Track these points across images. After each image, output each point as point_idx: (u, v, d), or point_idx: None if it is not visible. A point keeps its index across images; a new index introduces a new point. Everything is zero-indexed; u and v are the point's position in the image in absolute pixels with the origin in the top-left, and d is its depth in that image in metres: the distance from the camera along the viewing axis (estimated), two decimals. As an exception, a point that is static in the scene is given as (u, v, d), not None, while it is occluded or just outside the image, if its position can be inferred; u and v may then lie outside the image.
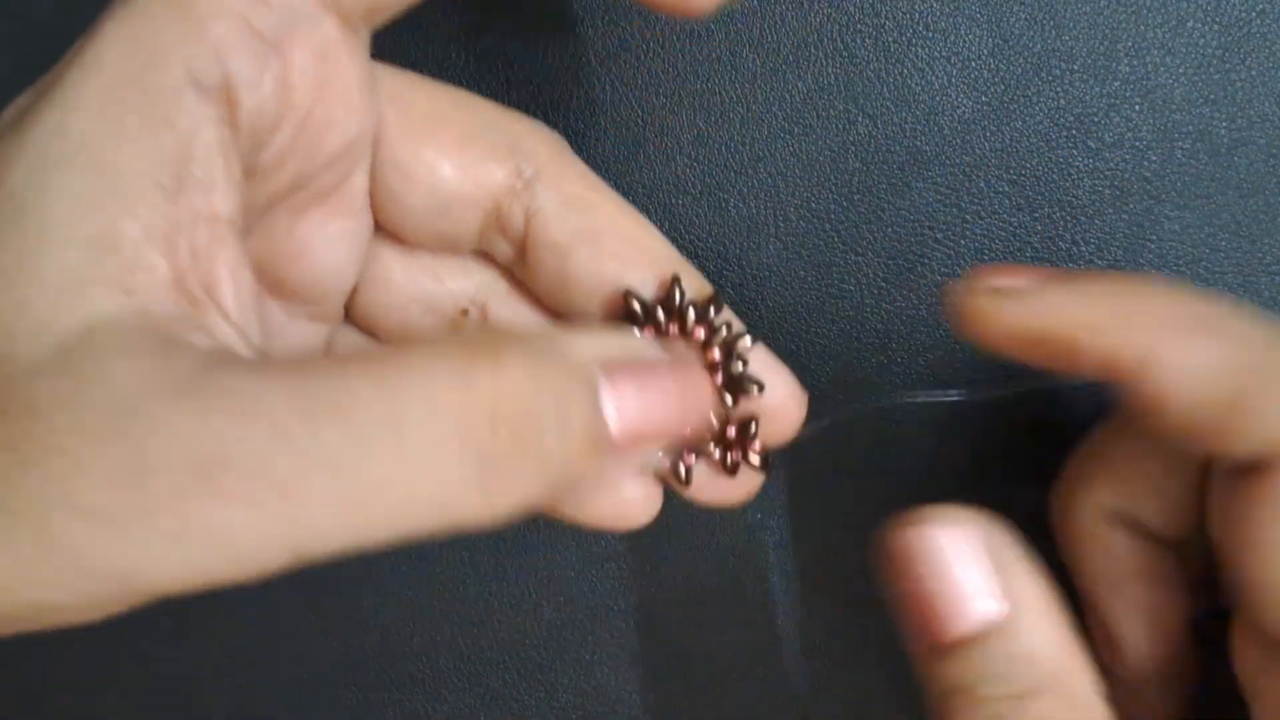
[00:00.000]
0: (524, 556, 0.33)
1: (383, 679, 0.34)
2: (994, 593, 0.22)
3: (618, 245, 0.23)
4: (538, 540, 0.33)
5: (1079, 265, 0.29)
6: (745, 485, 0.25)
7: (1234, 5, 0.28)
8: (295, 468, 0.16)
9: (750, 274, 0.30)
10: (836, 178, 0.29)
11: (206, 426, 0.16)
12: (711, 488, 0.25)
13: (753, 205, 0.29)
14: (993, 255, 0.29)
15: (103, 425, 0.16)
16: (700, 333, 0.23)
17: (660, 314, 0.23)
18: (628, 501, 0.24)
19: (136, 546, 0.16)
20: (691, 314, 0.23)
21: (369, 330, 0.25)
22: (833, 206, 0.29)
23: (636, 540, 0.33)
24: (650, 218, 0.29)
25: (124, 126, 0.17)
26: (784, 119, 0.29)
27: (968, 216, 0.29)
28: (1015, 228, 0.29)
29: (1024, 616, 0.22)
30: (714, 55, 0.29)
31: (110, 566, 0.16)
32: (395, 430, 0.16)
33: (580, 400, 0.19)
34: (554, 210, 0.23)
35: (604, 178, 0.24)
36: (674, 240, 0.30)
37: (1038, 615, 0.22)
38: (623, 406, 0.19)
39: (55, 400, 0.16)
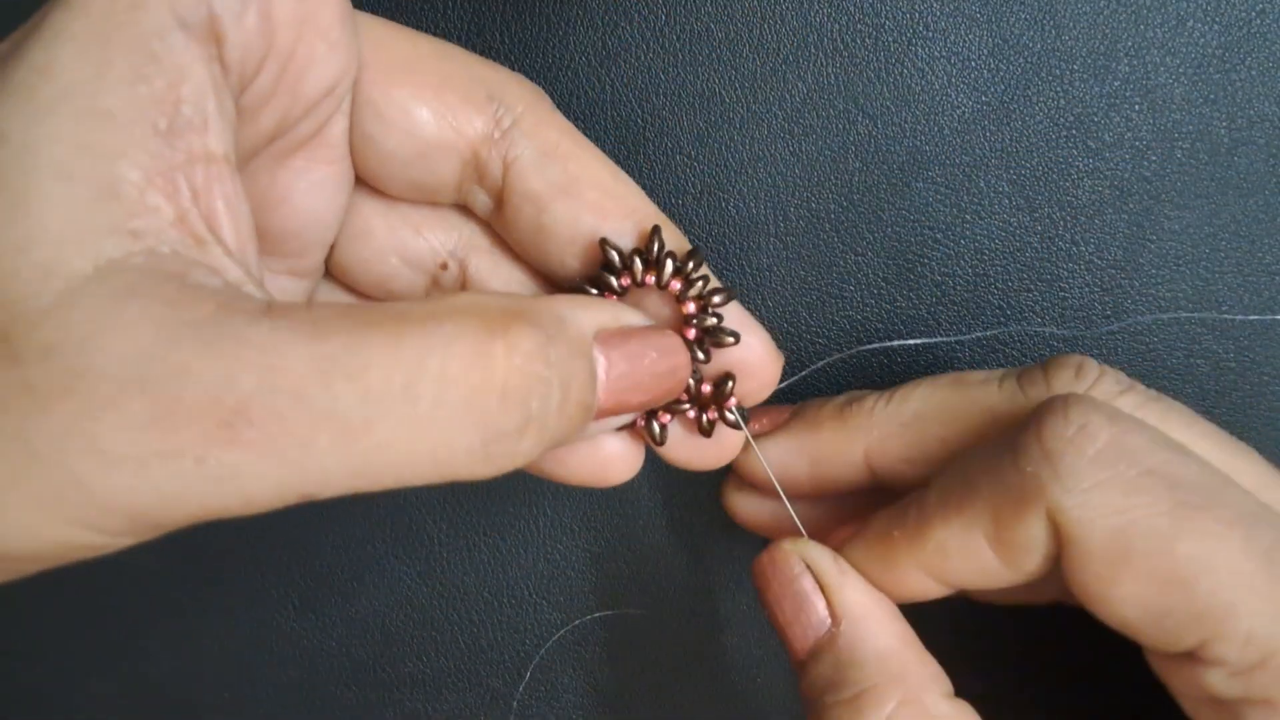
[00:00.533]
0: (524, 556, 0.33)
1: (383, 679, 0.34)
2: (821, 609, 0.24)
3: (596, 196, 0.23)
4: (538, 540, 0.33)
5: (1079, 265, 0.29)
6: (722, 447, 0.25)
7: (1234, 5, 0.28)
8: (310, 424, 0.17)
9: (750, 274, 0.30)
10: (836, 178, 0.29)
11: (227, 376, 0.16)
12: (688, 449, 0.25)
13: (753, 205, 0.29)
14: (992, 255, 0.29)
15: (122, 369, 0.16)
16: (676, 285, 0.23)
17: (637, 264, 0.23)
18: (608, 459, 0.25)
19: (157, 488, 0.16)
20: (669, 266, 0.23)
21: (348, 285, 0.25)
22: (833, 206, 0.29)
23: (637, 540, 0.33)
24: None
25: (114, 70, 0.17)
26: (784, 119, 0.29)
27: (968, 216, 0.29)
28: (1015, 228, 0.29)
29: (852, 626, 0.24)
30: (714, 55, 0.29)
31: (131, 505, 0.17)
32: (408, 397, 0.17)
33: (579, 374, 0.20)
34: (532, 160, 0.23)
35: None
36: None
37: (866, 623, 0.24)
38: (611, 375, 0.21)
39: (71, 343, 0.16)
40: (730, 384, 0.24)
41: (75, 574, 0.34)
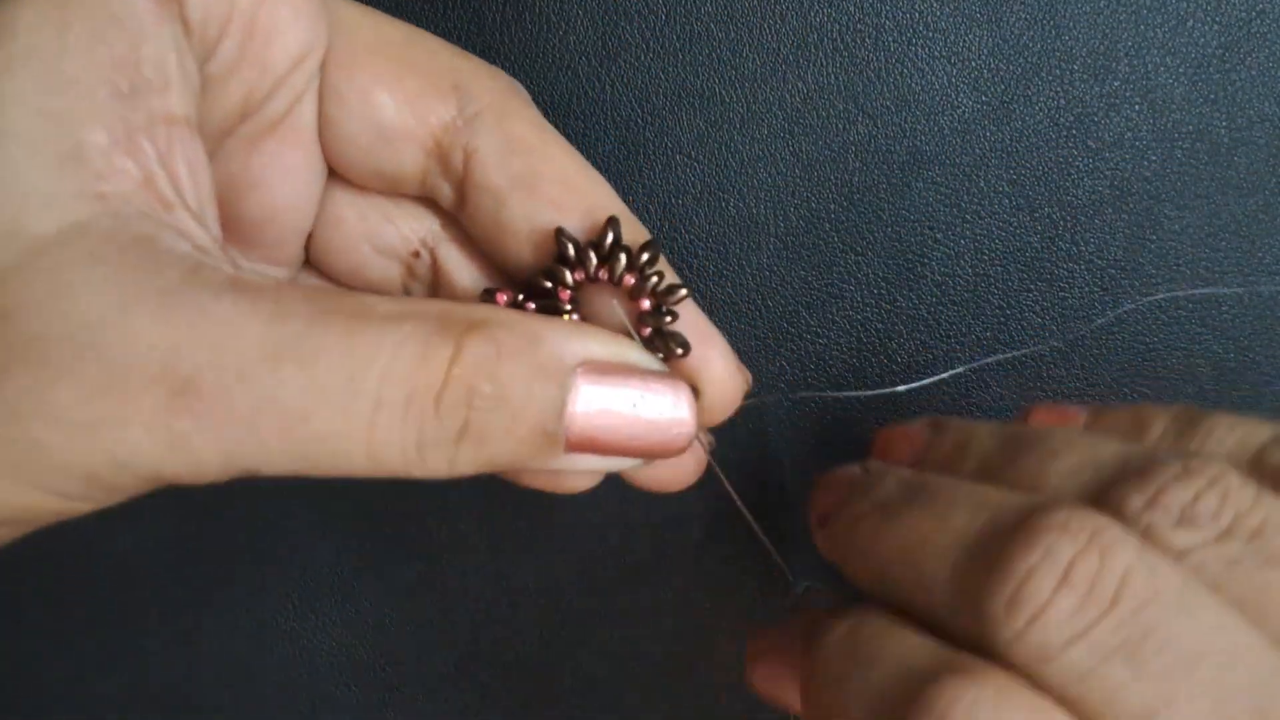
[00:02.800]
0: (524, 557, 0.33)
1: (383, 679, 0.34)
2: None
3: (555, 191, 0.22)
4: (538, 540, 0.33)
5: (1079, 265, 0.29)
6: (677, 467, 0.23)
7: (1234, 5, 0.28)
8: (253, 405, 0.17)
9: (750, 274, 0.30)
10: (836, 178, 0.29)
11: (180, 347, 0.16)
12: (641, 469, 0.23)
13: (753, 205, 0.29)
14: (992, 255, 0.29)
15: (79, 334, 0.16)
16: (630, 280, 0.22)
17: (592, 257, 0.22)
18: (564, 474, 0.24)
19: (109, 452, 0.17)
20: (623, 259, 0.21)
21: (325, 273, 0.25)
22: (833, 206, 0.29)
23: (637, 541, 0.33)
24: (650, 217, 0.30)
25: (74, 31, 0.17)
26: (784, 119, 0.29)
27: (968, 216, 0.29)
28: (1015, 228, 0.29)
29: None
30: (714, 55, 0.29)
31: (86, 469, 0.17)
32: (350, 391, 0.17)
33: (539, 398, 0.19)
34: (493, 152, 0.22)
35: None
36: (674, 240, 0.30)
37: None
38: (583, 409, 0.19)
39: (30, 306, 0.16)
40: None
41: (75, 574, 0.34)
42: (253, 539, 0.34)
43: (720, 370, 0.23)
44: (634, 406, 0.20)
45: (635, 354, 0.21)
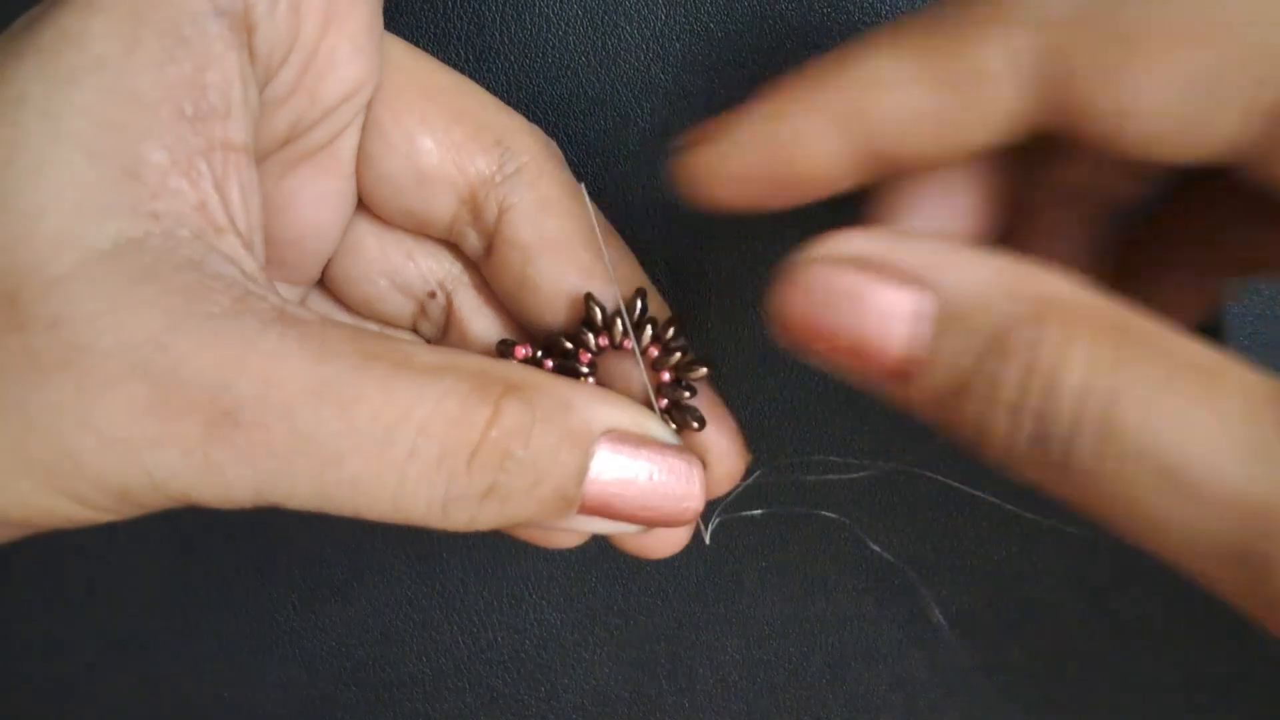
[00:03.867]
0: (524, 558, 0.33)
1: (383, 679, 0.34)
2: (911, 288, 0.18)
3: (586, 257, 0.23)
4: (538, 540, 0.33)
5: (1079, 265, 0.29)
6: (671, 537, 0.24)
7: (1234, 5, 0.28)
8: (292, 442, 0.17)
9: (750, 274, 0.30)
10: (836, 178, 0.29)
11: (227, 378, 0.17)
12: (629, 537, 0.23)
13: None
14: (993, 255, 0.29)
15: (128, 351, 0.16)
16: (654, 352, 0.23)
17: (618, 325, 0.22)
18: (558, 532, 0.24)
19: (145, 471, 0.17)
20: (649, 331, 0.23)
21: (338, 299, 0.25)
22: (832, 206, 0.29)
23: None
24: (650, 217, 0.30)
25: (145, 49, 0.17)
26: (784, 119, 0.29)
27: (968, 216, 0.29)
28: (1015, 228, 0.29)
29: (956, 283, 0.17)
30: (714, 55, 0.29)
31: (119, 485, 0.17)
32: (386, 440, 0.17)
33: (564, 464, 0.19)
34: (528, 210, 0.22)
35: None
36: (673, 240, 0.30)
37: (968, 271, 0.17)
38: (603, 477, 0.20)
39: (79, 317, 0.16)
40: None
41: (75, 574, 0.34)
42: (253, 539, 0.34)
43: (727, 447, 0.23)
44: (650, 477, 0.21)
45: (655, 426, 0.21)
